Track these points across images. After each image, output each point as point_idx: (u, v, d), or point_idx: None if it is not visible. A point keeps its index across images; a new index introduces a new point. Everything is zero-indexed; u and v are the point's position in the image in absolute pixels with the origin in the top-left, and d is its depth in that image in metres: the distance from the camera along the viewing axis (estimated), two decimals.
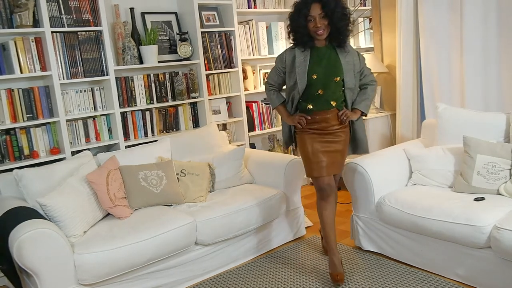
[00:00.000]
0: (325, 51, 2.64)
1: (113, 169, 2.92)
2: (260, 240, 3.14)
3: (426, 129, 3.44)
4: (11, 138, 3.02)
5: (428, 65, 3.92)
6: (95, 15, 3.26)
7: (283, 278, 2.81)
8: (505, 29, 3.43)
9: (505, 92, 3.52)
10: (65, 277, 2.34)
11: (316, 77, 2.60)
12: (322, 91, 2.63)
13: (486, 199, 2.59)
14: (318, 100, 2.65)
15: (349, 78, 2.65)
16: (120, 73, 3.52)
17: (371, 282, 2.66)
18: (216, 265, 2.93)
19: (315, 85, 2.62)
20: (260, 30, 4.31)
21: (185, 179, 3.13)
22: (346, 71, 2.63)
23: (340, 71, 2.62)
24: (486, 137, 2.85)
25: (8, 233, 2.27)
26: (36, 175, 2.70)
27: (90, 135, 3.37)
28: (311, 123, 2.69)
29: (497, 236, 2.30)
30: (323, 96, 2.64)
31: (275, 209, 3.09)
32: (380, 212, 2.85)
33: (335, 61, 2.63)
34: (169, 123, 3.78)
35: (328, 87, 2.63)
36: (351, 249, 3.10)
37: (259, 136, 4.48)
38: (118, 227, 2.64)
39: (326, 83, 2.62)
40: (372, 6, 4.60)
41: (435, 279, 2.63)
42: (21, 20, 2.94)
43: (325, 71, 2.61)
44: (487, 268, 2.42)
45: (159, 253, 2.60)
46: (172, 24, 3.84)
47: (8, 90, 2.99)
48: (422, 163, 2.99)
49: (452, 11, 3.70)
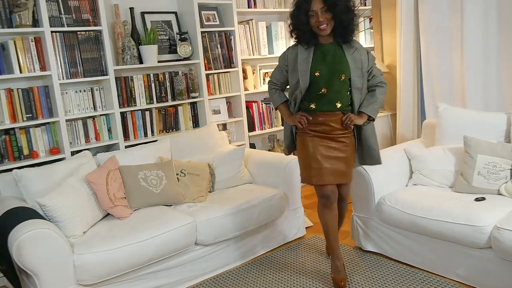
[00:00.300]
0: (329, 47, 2.50)
1: (112, 169, 2.91)
2: (260, 240, 3.13)
3: (426, 129, 3.43)
4: (10, 138, 3.01)
5: (428, 64, 3.92)
6: (94, 15, 3.25)
7: (283, 278, 2.80)
8: (505, 29, 3.42)
9: (505, 92, 3.51)
10: (64, 278, 2.33)
11: (319, 74, 2.46)
12: (325, 90, 2.47)
13: (486, 199, 2.59)
14: (322, 100, 2.50)
15: (356, 77, 2.49)
16: (120, 73, 3.51)
17: (371, 282, 2.65)
18: (216, 265, 2.93)
19: (318, 83, 2.47)
20: (260, 30, 4.30)
21: (185, 179, 3.12)
22: (353, 69, 2.47)
23: (346, 68, 2.47)
24: (486, 137, 2.85)
25: (8, 233, 2.27)
26: (35, 175, 2.70)
27: (90, 135, 3.36)
28: (313, 124, 2.53)
29: (497, 236, 2.29)
30: (327, 96, 2.49)
31: (275, 209, 3.09)
32: (381, 212, 2.85)
33: (340, 58, 2.48)
34: (169, 123, 3.78)
35: (332, 86, 2.47)
36: (351, 249, 3.10)
37: (259, 136, 4.47)
38: (118, 227, 2.64)
39: (330, 81, 2.47)
40: (373, 5, 4.60)
41: (435, 279, 2.62)
42: (20, 20, 2.93)
43: (329, 68, 2.46)
44: (488, 269, 2.42)
45: (159, 253, 2.60)
46: (172, 23, 3.83)
47: (8, 90, 2.99)
48: (423, 163, 2.98)
49: (453, 11, 3.69)
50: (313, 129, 2.54)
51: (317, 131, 2.54)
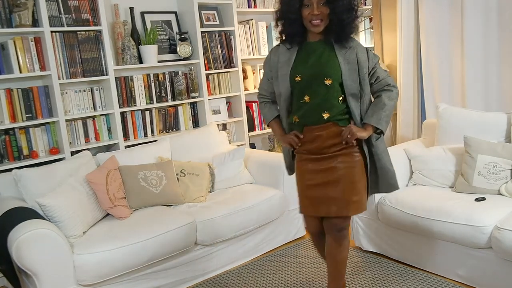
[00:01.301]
0: (316, 46, 2.08)
1: (112, 169, 2.91)
2: (260, 240, 3.13)
3: (426, 129, 3.43)
4: (10, 138, 3.01)
5: (428, 64, 3.92)
6: (94, 15, 3.25)
7: (283, 278, 2.80)
8: (506, 29, 3.42)
9: (506, 92, 3.51)
10: (64, 278, 2.33)
11: (300, 79, 2.05)
12: (308, 98, 2.06)
13: (487, 199, 2.59)
14: (305, 110, 2.08)
15: (351, 81, 2.05)
16: (120, 73, 3.51)
17: (371, 283, 2.65)
18: (216, 265, 2.93)
19: (299, 89, 2.07)
20: (260, 30, 4.30)
21: (185, 179, 3.12)
22: (346, 72, 2.04)
23: (334, 71, 2.03)
24: (487, 137, 2.84)
25: (7, 233, 2.26)
26: (35, 175, 2.69)
27: (90, 135, 3.36)
28: (307, 142, 2.11)
29: (498, 236, 2.29)
30: (310, 105, 2.06)
31: (275, 209, 3.09)
32: (381, 212, 2.84)
33: (327, 59, 2.05)
34: (169, 123, 3.77)
35: (316, 93, 2.04)
36: (352, 249, 3.09)
37: (259, 136, 4.46)
38: (118, 228, 2.63)
39: (312, 87, 2.05)
40: (373, 5, 4.59)
41: (435, 279, 2.62)
42: (20, 20, 2.93)
43: (311, 71, 2.05)
44: (488, 269, 2.42)
45: (159, 254, 2.60)
46: (171, 23, 3.83)
47: (7, 90, 2.98)
48: (423, 163, 2.98)
49: (453, 11, 3.69)
50: (307, 148, 2.13)
51: (308, 150, 2.13)
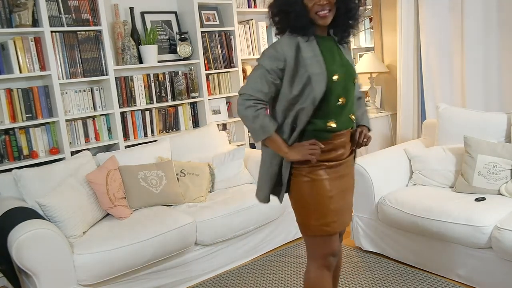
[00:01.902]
0: (328, 41, 1.85)
1: (112, 169, 2.91)
2: (260, 240, 3.13)
3: (426, 129, 3.43)
4: (10, 138, 3.01)
5: (428, 64, 3.92)
6: (94, 15, 3.25)
7: (283, 278, 2.80)
8: (506, 29, 3.42)
9: (506, 92, 3.51)
10: (64, 278, 2.33)
11: (338, 78, 1.77)
12: (344, 100, 1.81)
13: (487, 199, 2.59)
14: (341, 114, 1.82)
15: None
16: (120, 73, 3.50)
17: (371, 283, 2.65)
18: (216, 266, 2.93)
19: (335, 90, 1.78)
20: (260, 30, 4.30)
21: (185, 179, 3.12)
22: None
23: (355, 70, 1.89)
24: (487, 137, 2.85)
25: (7, 233, 2.26)
26: (35, 175, 2.70)
27: (90, 135, 3.36)
28: (327, 151, 1.81)
29: (498, 236, 2.29)
30: (346, 108, 1.83)
31: (275, 209, 3.08)
32: (381, 212, 2.84)
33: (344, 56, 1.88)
34: (169, 123, 3.77)
35: (349, 94, 1.84)
36: (352, 249, 3.09)
37: None
38: (118, 228, 2.63)
39: (346, 87, 1.82)
40: (373, 5, 4.59)
41: (435, 279, 2.62)
42: (20, 20, 2.93)
43: (344, 69, 1.81)
44: (488, 269, 2.42)
45: (159, 254, 2.60)
46: (171, 23, 3.83)
47: (7, 90, 2.98)
48: (423, 163, 2.98)
49: (453, 11, 3.69)
50: (327, 159, 1.83)
51: (331, 160, 1.84)
